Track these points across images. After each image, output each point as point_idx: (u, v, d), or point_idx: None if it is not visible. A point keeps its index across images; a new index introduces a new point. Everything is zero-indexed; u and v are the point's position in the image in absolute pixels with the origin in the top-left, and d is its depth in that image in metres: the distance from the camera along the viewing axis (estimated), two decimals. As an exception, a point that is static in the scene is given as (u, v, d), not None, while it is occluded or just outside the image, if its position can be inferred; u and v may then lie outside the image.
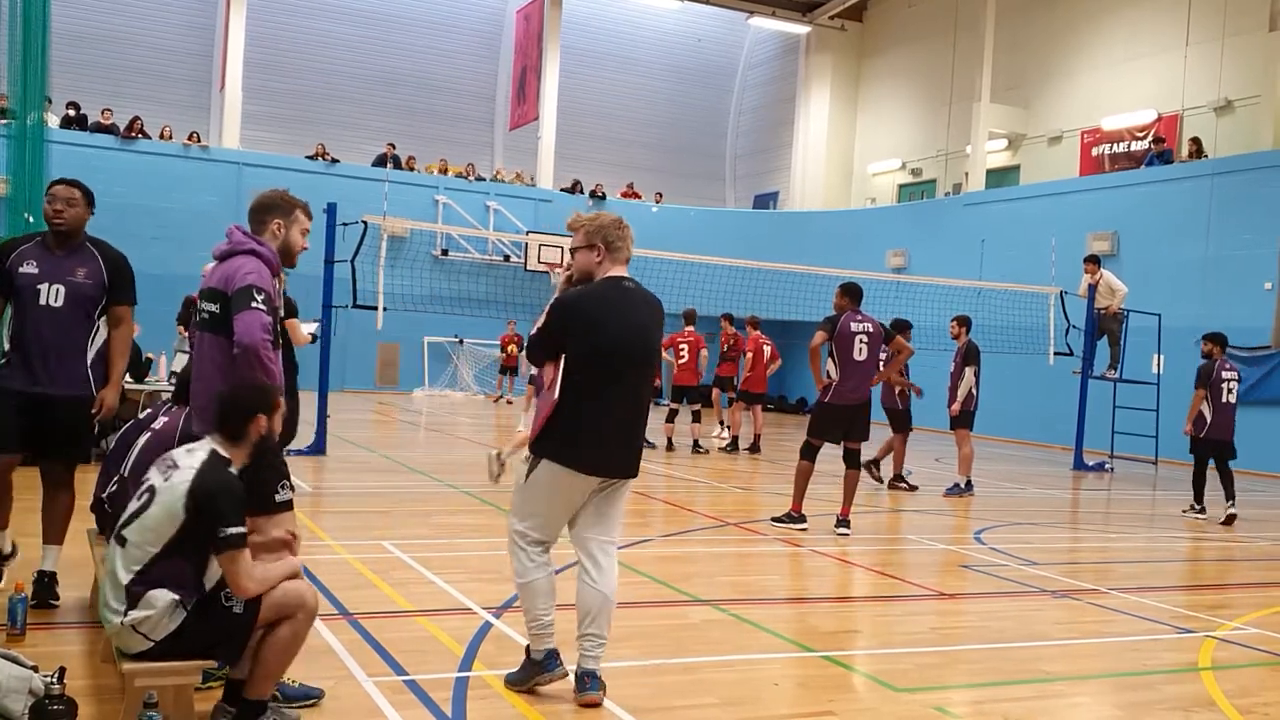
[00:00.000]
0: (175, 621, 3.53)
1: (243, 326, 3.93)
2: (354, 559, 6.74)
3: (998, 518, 10.62)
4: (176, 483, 3.55)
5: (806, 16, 28.85)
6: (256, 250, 4.18)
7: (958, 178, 25.23)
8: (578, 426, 4.25)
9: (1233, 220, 18.00)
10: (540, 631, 4.34)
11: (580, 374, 4.27)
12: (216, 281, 4.13)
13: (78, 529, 5.55)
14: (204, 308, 4.15)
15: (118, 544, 3.59)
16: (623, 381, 4.32)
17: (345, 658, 4.72)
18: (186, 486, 3.53)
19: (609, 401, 4.28)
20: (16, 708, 3.52)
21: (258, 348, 3.90)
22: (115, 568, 3.56)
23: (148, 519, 3.55)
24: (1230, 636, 6.18)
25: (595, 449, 4.26)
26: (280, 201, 4.37)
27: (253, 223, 4.32)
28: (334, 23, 27.13)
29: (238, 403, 3.78)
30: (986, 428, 21.40)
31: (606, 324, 4.28)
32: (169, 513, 3.52)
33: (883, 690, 4.81)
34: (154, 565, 3.52)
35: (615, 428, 4.32)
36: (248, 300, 3.97)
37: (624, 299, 4.37)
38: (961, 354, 12.33)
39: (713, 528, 9.08)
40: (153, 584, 3.51)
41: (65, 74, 21.47)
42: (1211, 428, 11.57)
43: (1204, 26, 20.55)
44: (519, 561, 4.34)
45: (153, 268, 21.51)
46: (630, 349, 4.33)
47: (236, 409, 3.77)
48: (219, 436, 3.75)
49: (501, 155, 28.95)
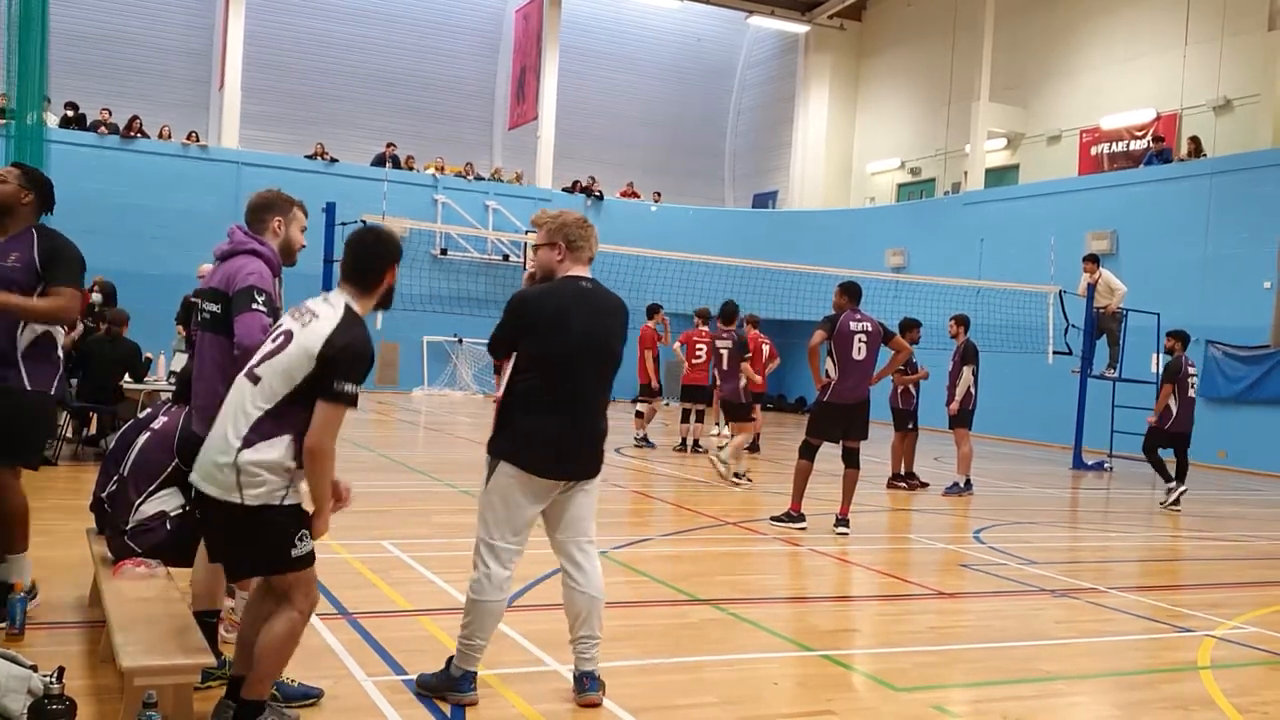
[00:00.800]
0: (275, 495, 3.54)
1: (243, 328, 3.94)
2: (353, 558, 6.74)
3: (997, 517, 10.62)
4: (315, 331, 3.56)
5: (805, 16, 28.85)
6: (258, 250, 4.18)
7: (957, 177, 25.23)
8: (532, 428, 4.16)
9: (1231, 219, 18.01)
10: (468, 652, 4.21)
11: (535, 373, 4.19)
12: (218, 282, 4.13)
13: (77, 529, 5.55)
14: (206, 308, 4.15)
15: (250, 381, 3.60)
16: (578, 381, 4.22)
17: (344, 657, 4.72)
18: (325, 335, 3.54)
19: (564, 402, 4.19)
20: (15, 707, 3.52)
21: (255, 349, 3.91)
22: (244, 401, 3.57)
23: (281, 360, 3.56)
24: (1229, 635, 6.18)
25: (550, 450, 4.16)
26: (278, 199, 4.38)
27: (252, 222, 4.32)
28: (333, 22, 27.11)
29: (375, 253, 3.77)
30: (985, 427, 21.40)
31: (564, 323, 4.20)
32: (305, 357, 3.53)
33: (882, 689, 4.81)
34: (281, 406, 3.54)
35: (571, 428, 4.20)
36: (248, 301, 3.98)
37: (583, 298, 4.28)
38: (960, 353, 12.33)
39: (712, 527, 9.08)
40: (281, 425, 3.53)
41: (64, 73, 21.48)
42: (1176, 420, 12.12)
43: (1203, 26, 20.55)
44: (478, 575, 4.20)
45: (151, 267, 21.62)
46: (586, 349, 4.24)
47: (375, 259, 3.76)
48: (352, 288, 3.74)
49: (500, 155, 28.94)
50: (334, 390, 3.50)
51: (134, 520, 4.73)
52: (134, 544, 4.69)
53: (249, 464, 3.50)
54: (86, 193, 21.03)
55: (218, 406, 4.02)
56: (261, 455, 3.51)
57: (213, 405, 4.05)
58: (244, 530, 3.56)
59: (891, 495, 11.93)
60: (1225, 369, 17.69)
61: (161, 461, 4.78)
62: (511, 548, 4.22)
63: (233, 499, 3.51)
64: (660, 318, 15.86)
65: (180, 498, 4.80)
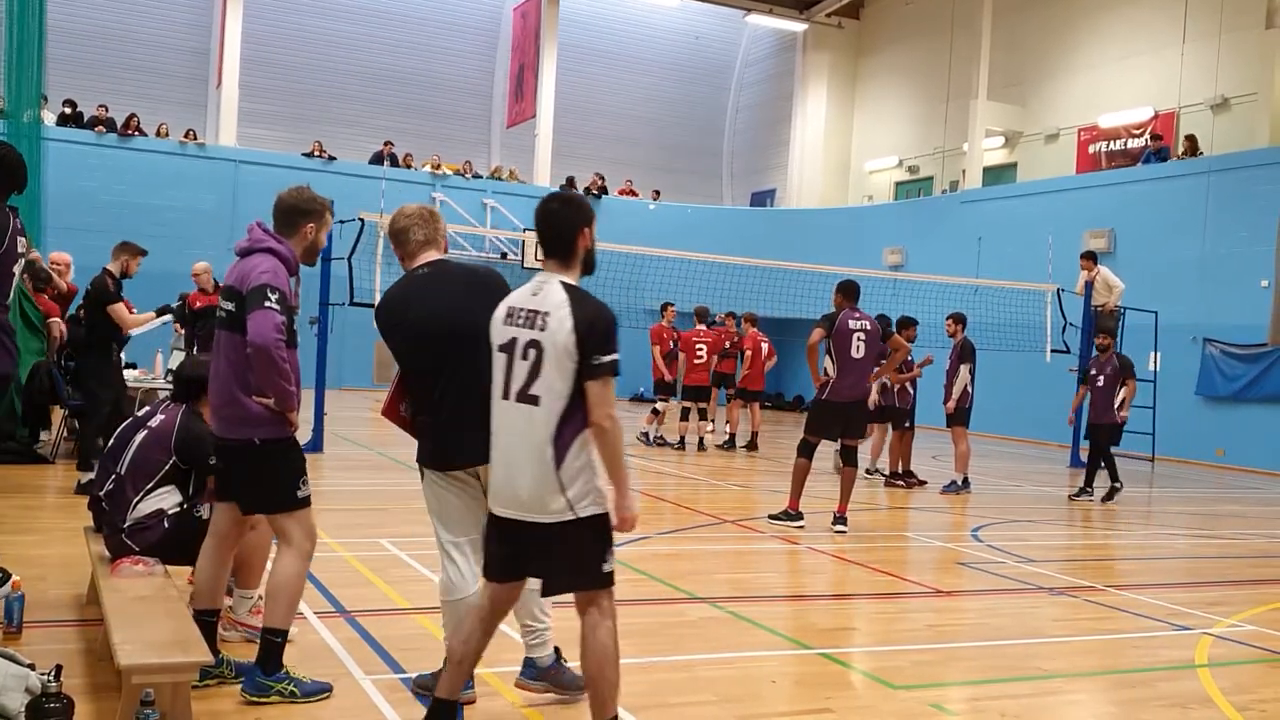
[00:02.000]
0: (598, 500, 3.50)
1: (255, 326, 3.91)
2: (351, 556, 6.74)
3: (995, 515, 10.63)
4: (558, 325, 3.46)
5: (804, 14, 28.83)
6: (274, 249, 4.15)
7: (955, 175, 25.24)
8: (421, 423, 4.14)
9: (1229, 218, 18.01)
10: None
11: (408, 368, 4.15)
12: (234, 280, 4.11)
13: (74, 527, 5.54)
14: (222, 305, 4.13)
15: (529, 404, 3.48)
16: (445, 366, 4.02)
17: (343, 655, 4.72)
18: (570, 324, 3.45)
19: (438, 390, 4.04)
20: (13, 705, 3.51)
21: (269, 347, 3.90)
22: (533, 428, 3.46)
23: (549, 370, 3.46)
24: (1227, 634, 6.19)
25: (439, 442, 4.08)
26: (313, 206, 4.33)
27: (281, 223, 4.27)
28: (331, 20, 27.08)
29: (563, 219, 3.63)
30: (983, 425, 21.40)
31: (403, 319, 4.12)
32: (566, 355, 3.45)
33: (880, 687, 4.81)
34: (568, 409, 3.47)
35: (451, 416, 4.02)
36: (261, 300, 3.95)
37: (416, 285, 4.18)
38: (957, 351, 12.34)
39: (710, 525, 9.08)
40: (576, 427, 3.47)
41: (61, 71, 21.45)
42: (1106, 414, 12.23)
43: (1201, 24, 20.55)
44: (442, 577, 4.16)
45: (148, 265, 21.45)
46: (429, 335, 4.05)
47: (564, 225, 3.62)
48: (556, 262, 3.61)
49: (499, 153, 28.93)
50: (595, 366, 3.44)
51: (131, 519, 4.73)
52: (131, 542, 4.69)
53: (571, 478, 3.47)
54: (83, 190, 21.04)
55: (232, 406, 4.01)
56: (577, 462, 3.48)
57: (227, 405, 4.06)
58: (570, 544, 3.52)
59: (890, 494, 11.94)
60: (1223, 367, 17.71)
61: (159, 460, 4.78)
62: (460, 540, 4.13)
63: (566, 517, 3.48)
64: (671, 314, 15.82)
65: (178, 495, 4.80)
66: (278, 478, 4.11)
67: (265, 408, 4.03)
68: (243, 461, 4.11)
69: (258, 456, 4.07)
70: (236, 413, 4.05)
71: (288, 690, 4.05)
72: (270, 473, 4.11)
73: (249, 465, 4.10)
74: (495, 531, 3.64)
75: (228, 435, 4.10)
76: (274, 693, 4.03)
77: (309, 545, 4.19)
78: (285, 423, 4.10)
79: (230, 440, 4.10)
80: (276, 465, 4.11)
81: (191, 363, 5.16)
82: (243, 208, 23.49)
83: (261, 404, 4.03)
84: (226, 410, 4.08)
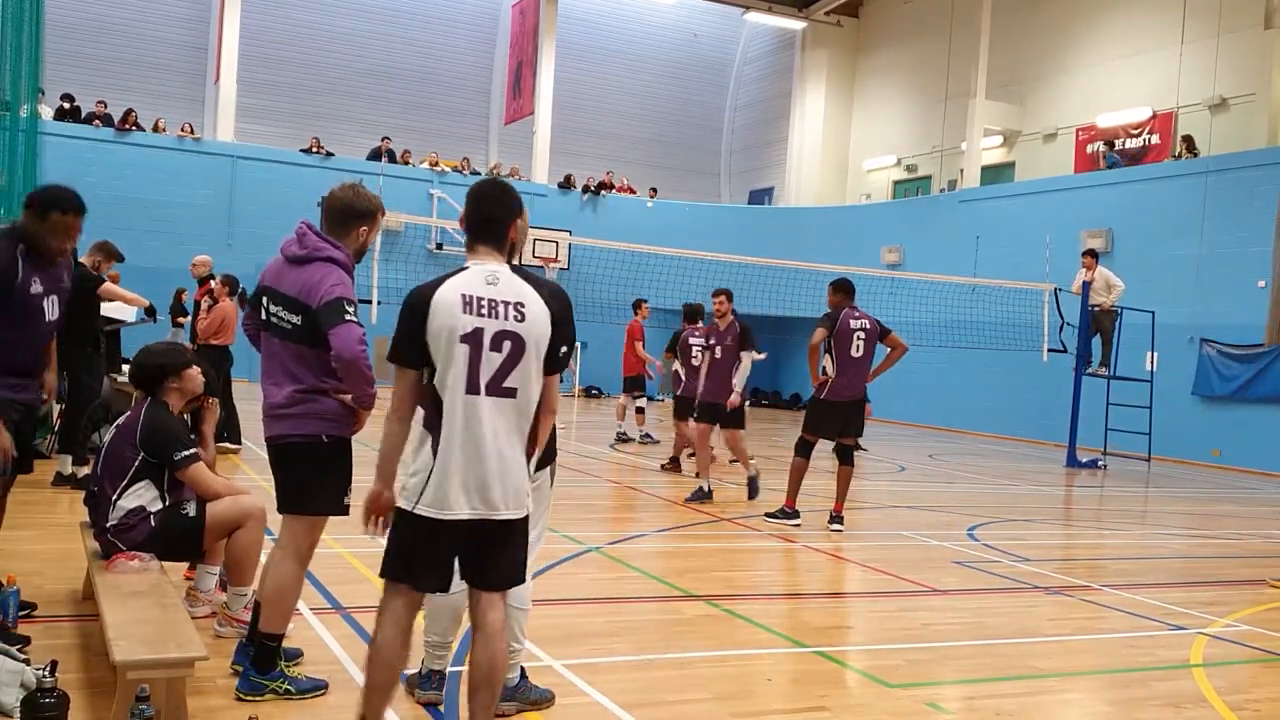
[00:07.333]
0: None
1: (340, 341, 3.87)
2: (348, 553, 6.73)
3: (990, 514, 10.64)
4: (536, 317, 3.43)
5: (802, 12, 28.83)
6: (334, 257, 4.06)
7: (953, 174, 25.25)
8: None
9: (1226, 218, 18.04)
10: (430, 650, 4.14)
11: None
12: (295, 291, 4.00)
13: (70, 522, 5.53)
14: (284, 317, 4.02)
15: (505, 395, 3.37)
16: None
17: (338, 652, 4.71)
18: (547, 316, 3.46)
19: None
20: (8, 700, 3.51)
21: (358, 360, 3.89)
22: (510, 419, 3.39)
23: (531, 357, 3.41)
24: (1222, 633, 6.20)
25: None
26: (370, 207, 4.24)
27: (335, 226, 4.16)
28: (330, 16, 27.06)
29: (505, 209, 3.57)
30: (981, 424, 21.47)
31: None
32: (544, 345, 3.46)
33: (875, 685, 4.82)
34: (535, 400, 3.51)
35: None
36: (340, 314, 3.90)
37: None
38: (735, 336, 10.51)
39: (707, 523, 9.08)
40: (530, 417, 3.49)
41: (59, 66, 21.42)
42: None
43: (1199, 24, 20.57)
44: None
45: (146, 260, 21.49)
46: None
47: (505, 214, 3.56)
48: (489, 247, 3.53)
49: (497, 149, 28.92)
50: (562, 357, 3.55)
51: (114, 518, 4.68)
52: (118, 541, 4.65)
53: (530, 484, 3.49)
54: (81, 185, 20.56)
55: (303, 404, 4.00)
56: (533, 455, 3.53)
57: (292, 404, 4.03)
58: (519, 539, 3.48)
59: (889, 492, 11.94)
60: (1219, 367, 17.74)
61: (128, 456, 4.73)
62: None
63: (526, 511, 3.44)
64: (644, 311, 15.67)
65: (155, 491, 4.74)
66: (329, 479, 4.08)
67: (341, 404, 4.05)
68: (302, 460, 4.06)
69: (322, 452, 4.05)
70: (308, 409, 4.02)
71: (283, 688, 4.04)
72: (322, 472, 4.07)
73: (307, 463, 4.05)
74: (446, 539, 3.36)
75: (295, 432, 4.04)
76: (269, 691, 4.02)
77: (309, 555, 4.17)
78: (352, 422, 4.10)
79: (297, 437, 4.04)
80: (332, 466, 4.09)
81: (151, 351, 5.04)
82: (240, 203, 23.49)
83: (341, 400, 4.04)
84: (295, 409, 4.03)
